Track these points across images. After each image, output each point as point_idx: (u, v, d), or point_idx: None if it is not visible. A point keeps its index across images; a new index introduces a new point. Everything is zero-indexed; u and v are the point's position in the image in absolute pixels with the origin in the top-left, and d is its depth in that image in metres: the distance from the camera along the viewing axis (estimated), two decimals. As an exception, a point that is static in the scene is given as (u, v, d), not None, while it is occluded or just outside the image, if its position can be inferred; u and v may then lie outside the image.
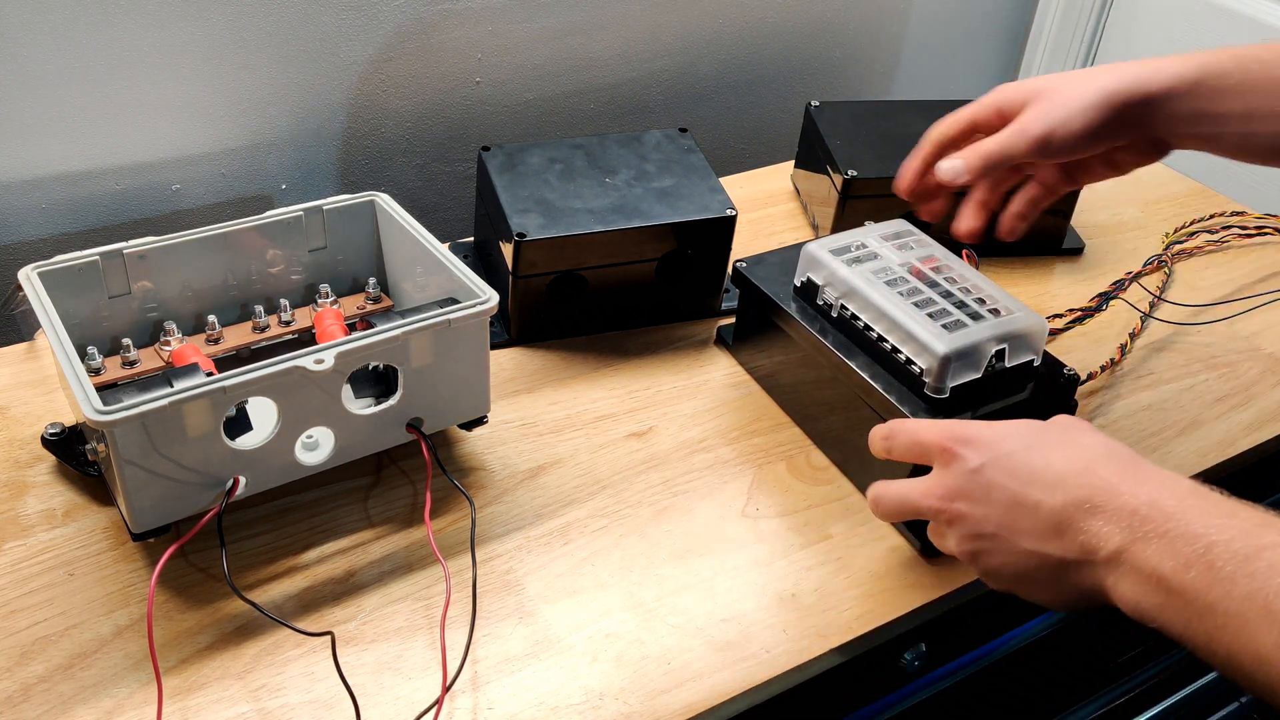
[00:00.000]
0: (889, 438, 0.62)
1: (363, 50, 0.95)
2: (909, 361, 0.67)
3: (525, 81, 1.05)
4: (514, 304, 0.81)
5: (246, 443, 0.61)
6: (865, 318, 0.70)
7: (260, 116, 0.94)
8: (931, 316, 0.67)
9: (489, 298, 0.65)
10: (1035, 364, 0.69)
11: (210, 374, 0.60)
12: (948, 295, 0.69)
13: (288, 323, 0.74)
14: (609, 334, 0.84)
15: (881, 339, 0.68)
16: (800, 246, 0.74)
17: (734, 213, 0.81)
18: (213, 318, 0.73)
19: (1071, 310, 0.87)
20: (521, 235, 0.77)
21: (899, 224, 0.75)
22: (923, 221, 0.77)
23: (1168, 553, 0.49)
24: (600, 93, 1.10)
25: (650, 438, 0.75)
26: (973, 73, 1.39)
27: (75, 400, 0.58)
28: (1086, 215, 1.00)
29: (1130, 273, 0.92)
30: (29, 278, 0.65)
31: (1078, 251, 0.96)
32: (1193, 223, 0.99)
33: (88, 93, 0.85)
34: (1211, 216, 1.00)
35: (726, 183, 0.97)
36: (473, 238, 0.91)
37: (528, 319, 0.82)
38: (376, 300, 0.77)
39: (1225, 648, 0.47)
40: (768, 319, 0.76)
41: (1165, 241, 0.97)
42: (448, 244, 0.87)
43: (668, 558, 0.66)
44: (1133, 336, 0.86)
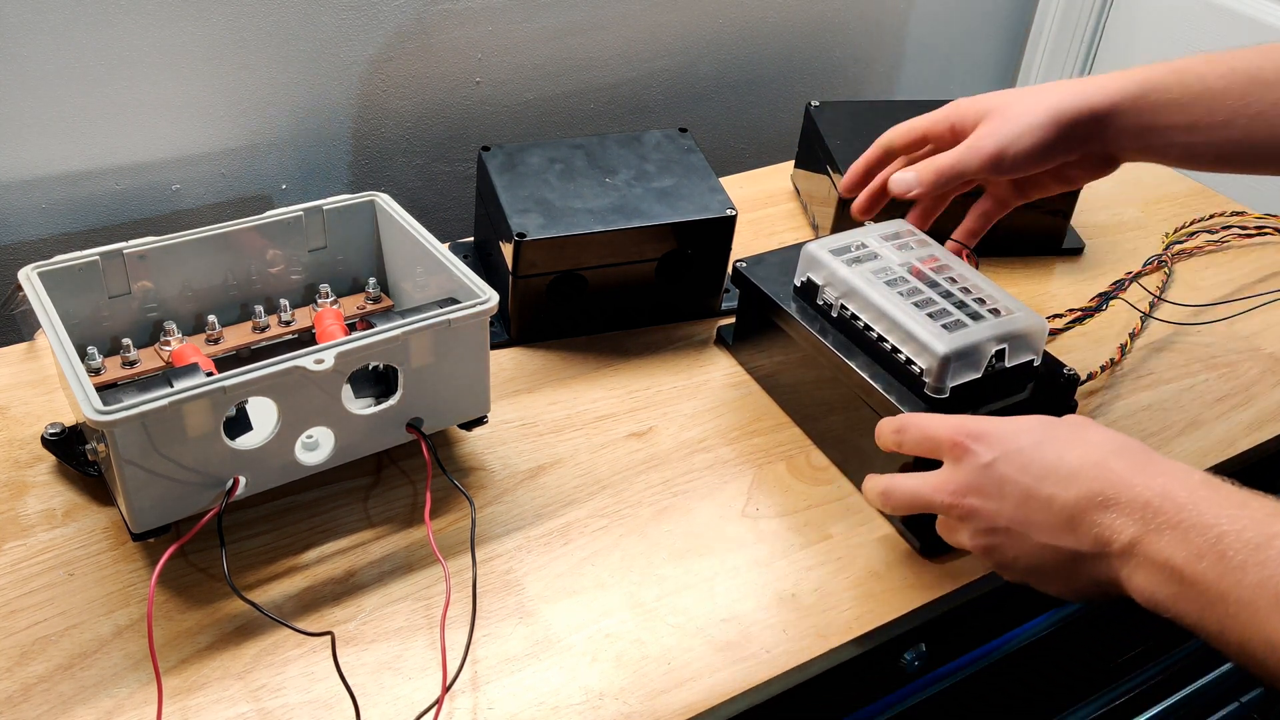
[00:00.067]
0: (900, 431, 0.63)
1: (363, 50, 0.95)
2: (909, 361, 0.67)
3: (525, 81, 1.05)
4: (514, 304, 0.81)
5: (246, 443, 0.61)
6: (865, 318, 0.70)
7: (260, 116, 0.94)
8: (931, 316, 0.67)
9: (489, 298, 0.65)
10: (1035, 364, 0.69)
11: (210, 374, 0.60)
12: (948, 295, 0.69)
13: (288, 323, 0.74)
14: (609, 334, 0.84)
15: (881, 339, 0.68)
16: (800, 246, 0.74)
17: (734, 213, 0.81)
18: (213, 318, 0.73)
19: (1071, 310, 0.87)
20: (521, 235, 0.77)
21: (899, 224, 0.75)
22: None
23: (1180, 543, 0.49)
24: (600, 93, 1.10)
25: (650, 438, 0.75)
26: (973, 73, 1.39)
27: (75, 400, 0.58)
28: (1086, 215, 1.00)
29: (1130, 273, 0.92)
30: (29, 278, 0.65)
31: (1078, 251, 0.96)
32: (1193, 223, 0.99)
33: (88, 93, 0.85)
34: (1211, 216, 1.00)
35: (726, 183, 0.97)
36: (473, 238, 0.91)
37: (528, 319, 0.82)
38: (376, 300, 0.77)
39: (1237, 636, 0.47)
40: (768, 319, 0.76)
41: (1165, 241, 0.97)
42: (448, 244, 0.87)
43: (668, 558, 0.66)
44: (1133, 336, 0.86)
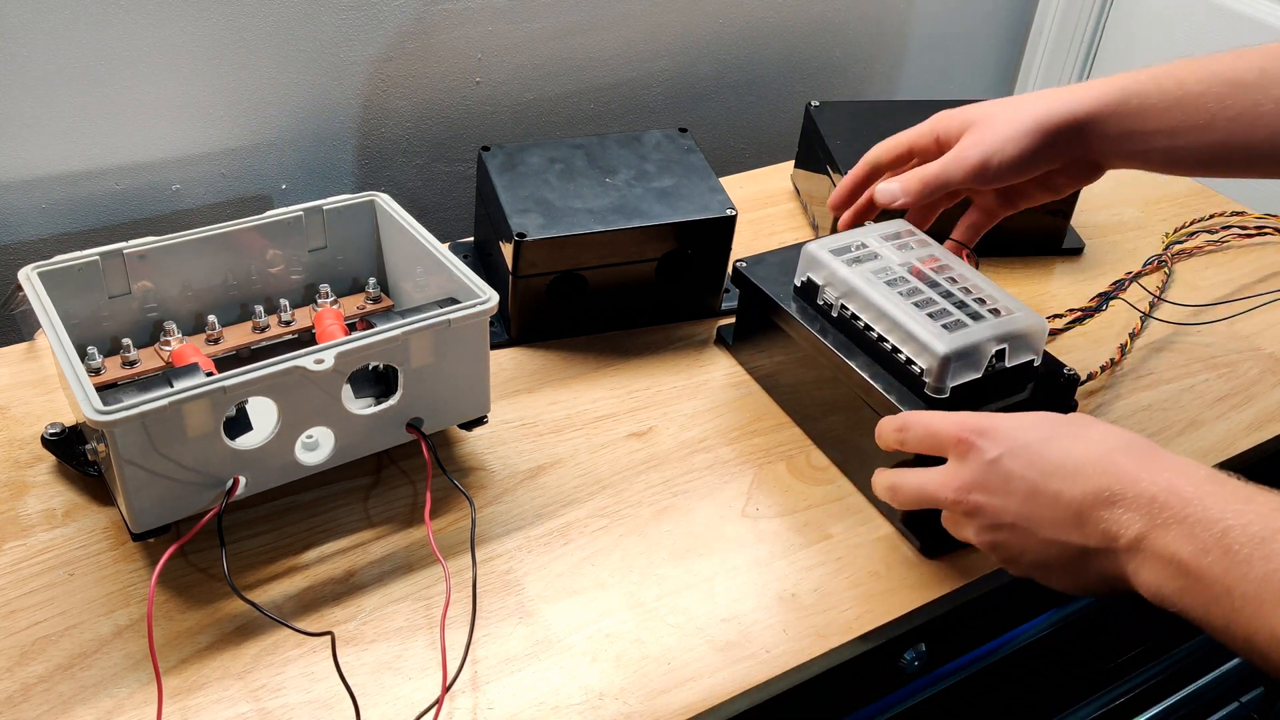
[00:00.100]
0: (903, 429, 0.63)
1: (363, 50, 0.95)
2: (909, 361, 0.67)
3: (525, 81, 1.05)
4: (514, 304, 0.81)
5: (246, 443, 0.61)
6: (865, 318, 0.70)
7: (260, 116, 0.94)
8: (932, 316, 0.67)
9: (489, 298, 0.65)
10: (1035, 364, 0.69)
11: (210, 374, 0.60)
12: (948, 295, 0.69)
13: (288, 323, 0.74)
14: (609, 334, 0.84)
15: (882, 339, 0.68)
16: (800, 246, 0.74)
17: (734, 213, 0.81)
18: (213, 318, 0.73)
19: (1071, 310, 0.87)
20: (521, 235, 0.77)
21: (899, 224, 0.75)
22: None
23: (1186, 538, 0.50)
24: (600, 93, 1.10)
25: (650, 438, 0.75)
26: (973, 73, 1.39)
27: (75, 400, 0.58)
28: (1086, 215, 1.00)
29: (1130, 273, 0.92)
30: (29, 278, 0.65)
31: (1078, 251, 0.96)
32: (1193, 222, 0.99)
33: (88, 93, 0.85)
34: (1211, 216, 1.00)
35: (726, 183, 0.97)
36: (473, 238, 0.91)
37: (528, 319, 0.82)
38: (376, 300, 0.77)
39: (1243, 630, 0.47)
40: (768, 319, 0.76)
41: (1165, 241, 0.97)
42: (448, 244, 0.87)
43: (668, 558, 0.66)
44: (1133, 336, 0.86)
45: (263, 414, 0.63)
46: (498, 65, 1.02)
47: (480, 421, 0.71)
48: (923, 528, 0.67)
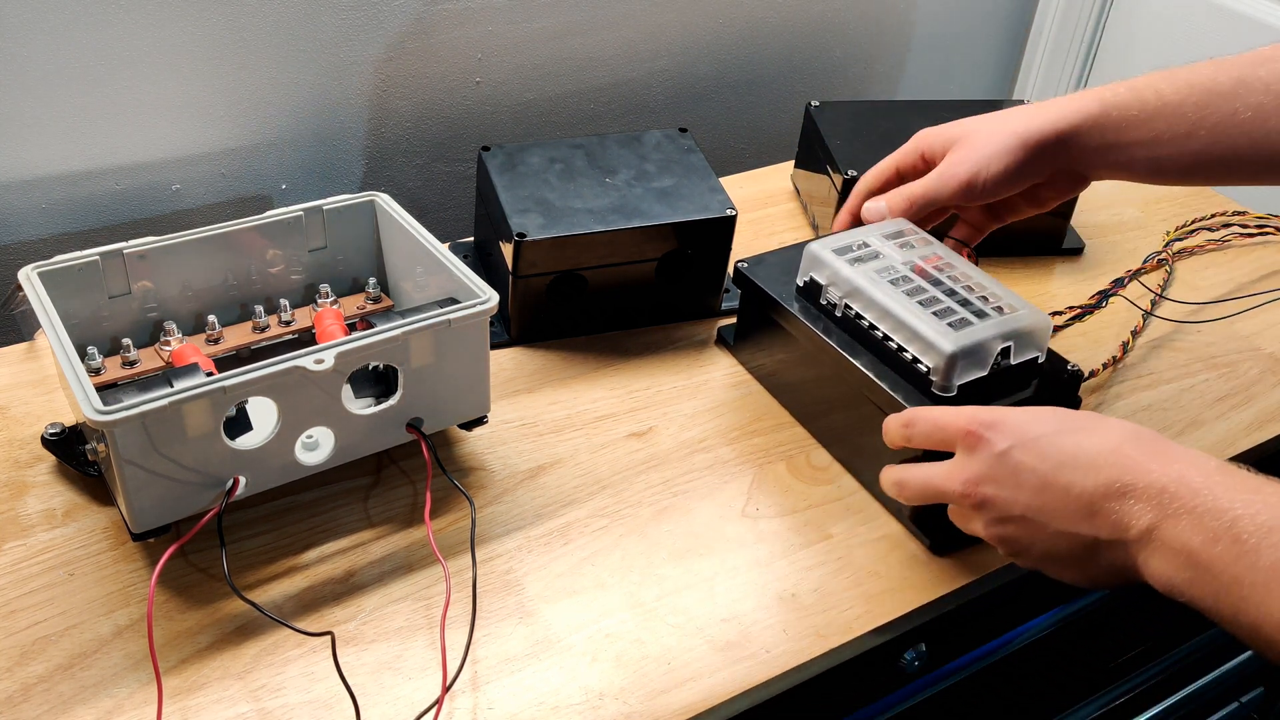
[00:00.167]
0: (909, 425, 0.63)
1: (363, 50, 0.95)
2: (915, 360, 0.67)
3: (525, 81, 1.05)
4: (514, 304, 0.81)
5: (246, 443, 0.61)
6: (870, 317, 0.70)
7: (260, 116, 0.94)
8: (937, 315, 0.67)
9: (489, 298, 0.65)
10: (1040, 361, 0.69)
11: (210, 374, 0.60)
12: (951, 293, 0.69)
13: (288, 323, 0.74)
14: (609, 334, 0.84)
15: (887, 338, 0.68)
16: (801, 246, 0.74)
17: (734, 213, 0.81)
18: (213, 318, 0.73)
19: (1071, 308, 0.87)
20: (521, 235, 0.77)
21: (900, 222, 0.75)
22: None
23: (1195, 528, 0.50)
24: (600, 93, 1.10)
25: (650, 438, 0.75)
26: (973, 73, 1.39)
27: (75, 400, 0.58)
28: (1086, 215, 1.00)
29: (1130, 270, 0.92)
30: (29, 278, 0.65)
31: (1078, 251, 0.96)
32: (1194, 221, 0.99)
33: (88, 93, 0.85)
34: (1213, 216, 1.00)
35: (726, 183, 0.97)
36: (473, 238, 0.91)
37: (528, 319, 0.82)
38: (376, 300, 0.77)
39: (1250, 618, 0.48)
40: (770, 319, 0.76)
41: (1166, 239, 0.97)
42: (448, 244, 0.87)
43: (668, 558, 0.66)
44: (1134, 334, 0.86)
45: (263, 414, 0.63)
46: (498, 65, 1.02)
47: (480, 421, 0.71)
48: (931, 525, 0.67)
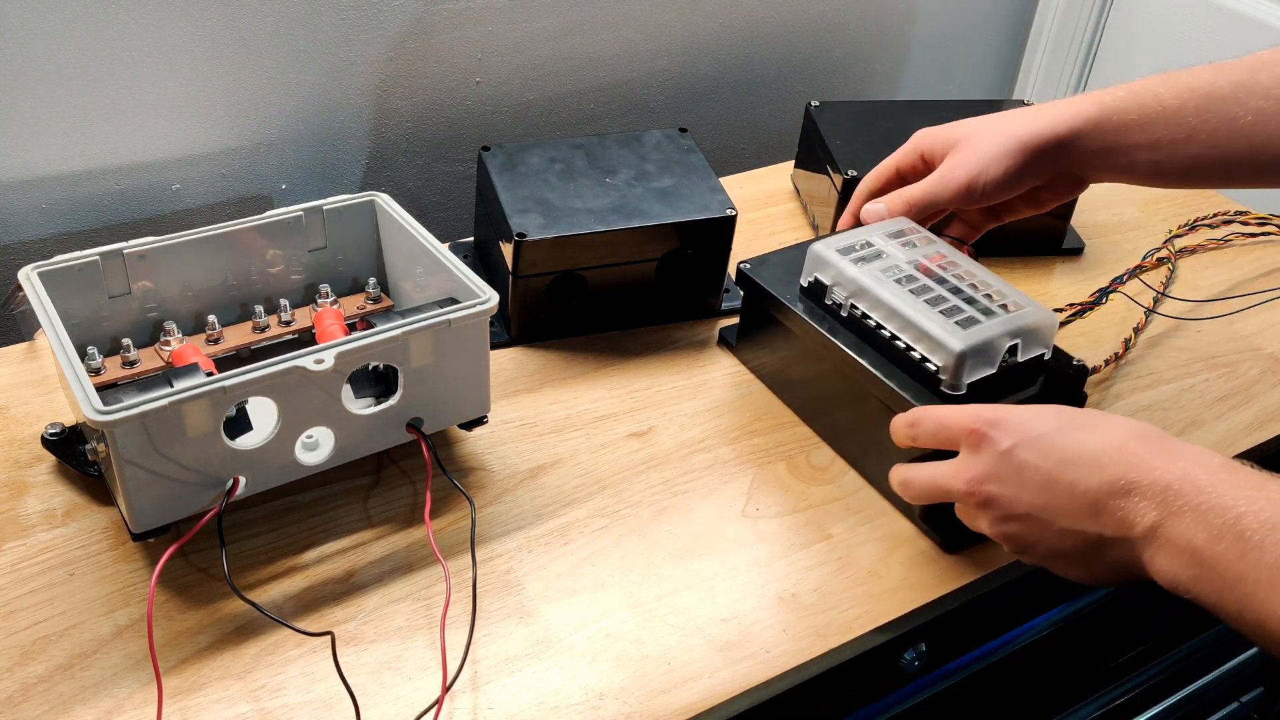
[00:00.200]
0: (914, 424, 0.63)
1: (363, 50, 0.95)
2: (924, 359, 0.67)
3: (525, 81, 1.05)
4: (514, 304, 0.81)
5: (246, 443, 0.61)
6: (876, 316, 0.70)
7: (260, 116, 0.94)
8: (944, 314, 0.67)
9: (489, 298, 0.65)
10: (1046, 358, 0.69)
11: (210, 374, 0.60)
12: (957, 291, 0.69)
13: (288, 323, 0.74)
14: (609, 334, 0.84)
15: (895, 338, 0.68)
16: (802, 247, 0.74)
17: (734, 213, 0.81)
18: (213, 318, 0.73)
19: (1071, 305, 0.87)
20: (521, 235, 0.77)
21: (901, 221, 0.75)
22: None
23: (1200, 525, 0.50)
24: (600, 93, 1.10)
25: (650, 438, 0.75)
26: (973, 73, 1.39)
27: (75, 400, 0.58)
28: (1086, 215, 1.00)
29: (1130, 268, 0.92)
30: (29, 278, 0.65)
31: (1078, 251, 0.96)
32: (1196, 219, 0.99)
33: (88, 93, 0.85)
34: (1214, 215, 1.00)
35: (726, 183, 0.97)
36: (473, 238, 0.91)
37: (528, 319, 0.82)
38: (376, 300, 0.77)
39: (1255, 614, 0.48)
40: (774, 320, 0.76)
41: (1168, 236, 0.97)
42: (448, 244, 0.87)
43: (668, 558, 0.66)
44: (1137, 331, 0.86)
45: (263, 414, 0.63)
46: (498, 65, 1.02)
47: (480, 421, 0.71)
48: (942, 523, 0.67)
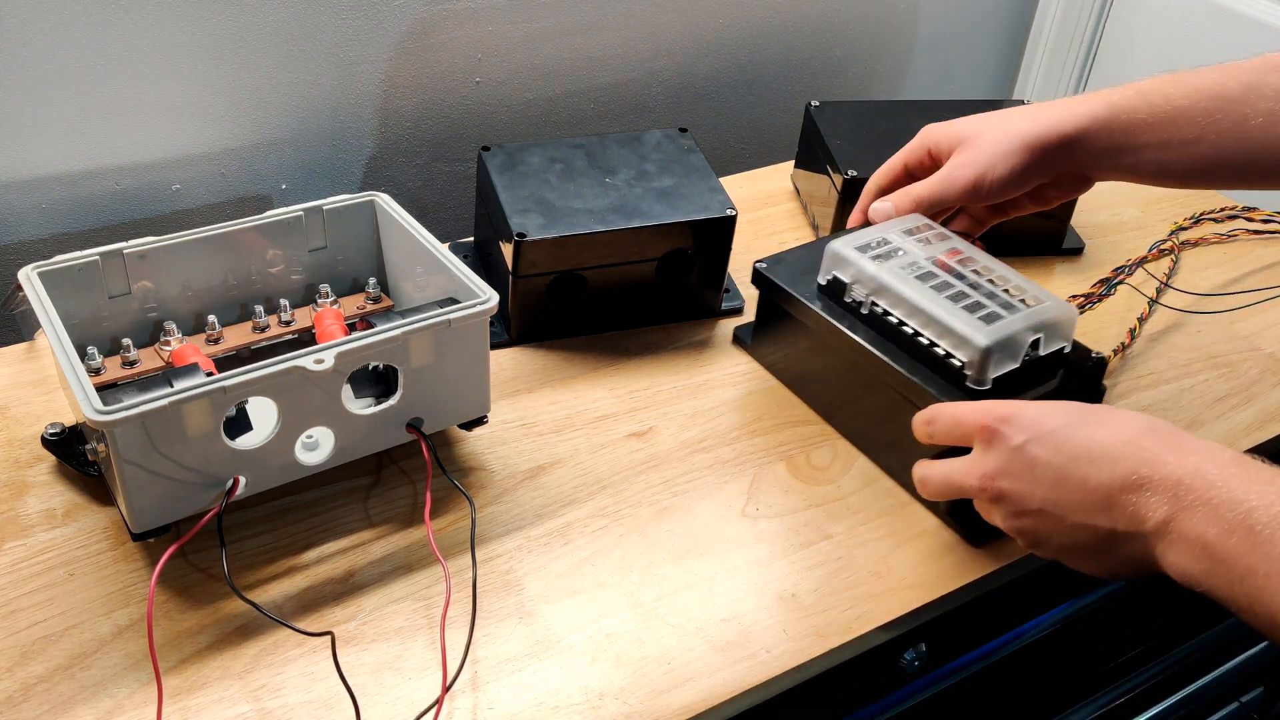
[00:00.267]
0: (930, 422, 0.64)
1: (363, 50, 0.95)
2: (948, 355, 0.67)
3: (525, 81, 1.05)
4: (514, 304, 0.81)
5: (246, 443, 0.61)
6: (898, 313, 0.70)
7: (260, 116, 0.94)
8: (967, 309, 0.67)
9: (489, 298, 0.65)
10: (1066, 351, 0.70)
11: (210, 374, 0.60)
12: (976, 287, 0.69)
13: (288, 323, 0.74)
14: (609, 334, 0.84)
15: (917, 334, 0.68)
16: (816, 245, 0.75)
17: (734, 213, 0.81)
18: (213, 318, 0.73)
19: (1074, 296, 0.87)
20: (521, 235, 0.77)
21: (915, 218, 0.75)
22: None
23: (1211, 520, 0.50)
24: (600, 93, 1.10)
25: (650, 438, 0.75)
26: (973, 73, 1.39)
27: (75, 400, 0.58)
28: (1086, 215, 0.99)
29: (1132, 259, 0.92)
30: (29, 278, 0.65)
31: (1078, 251, 0.96)
32: (1201, 213, 0.99)
33: (88, 93, 0.85)
34: (1220, 210, 1.00)
35: (726, 183, 0.97)
36: (473, 238, 0.91)
37: (528, 319, 0.82)
38: (376, 300, 0.77)
39: (1266, 608, 0.48)
40: (792, 318, 0.76)
41: (1172, 228, 0.97)
42: (448, 244, 0.87)
43: (668, 558, 0.66)
44: (1141, 320, 0.86)
45: (263, 414, 0.63)
46: (498, 65, 1.02)
47: (480, 421, 0.71)
48: (966, 517, 0.67)
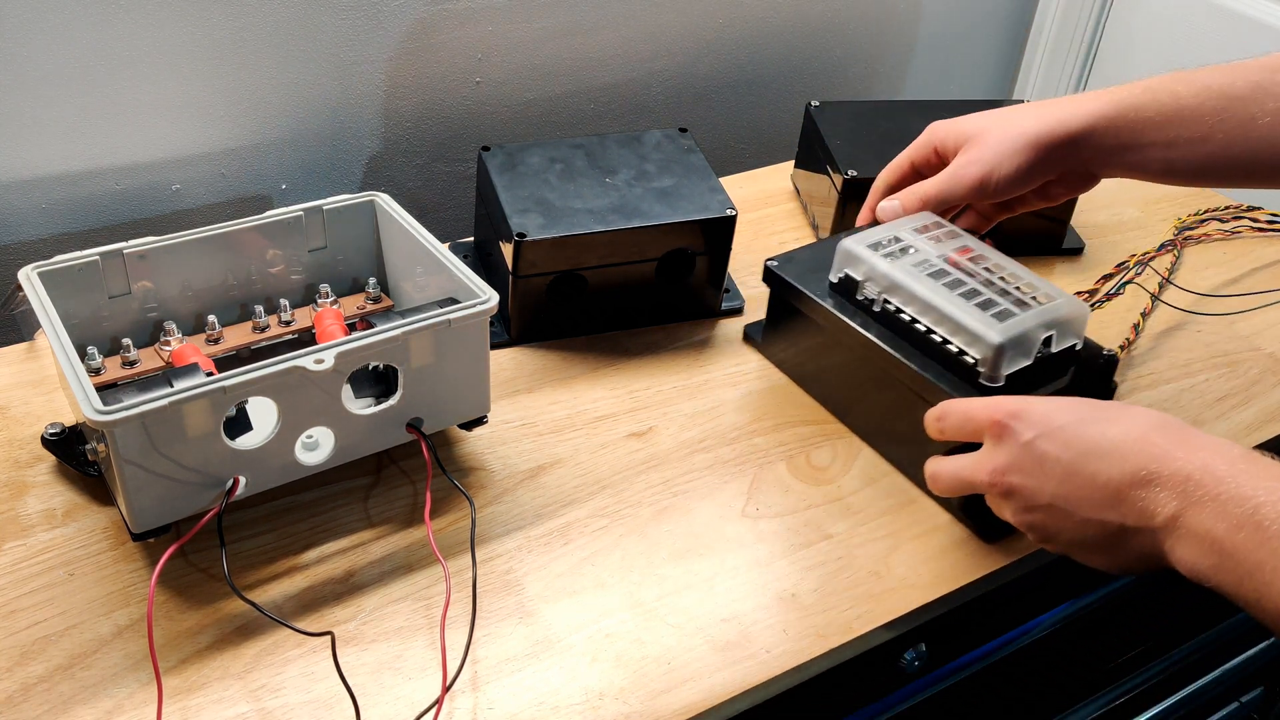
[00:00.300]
0: (941, 418, 0.64)
1: (363, 50, 0.95)
2: (961, 352, 0.67)
3: (525, 81, 1.05)
4: (514, 304, 0.81)
5: (246, 443, 0.61)
6: (911, 311, 0.70)
7: (260, 116, 0.94)
8: (980, 307, 0.67)
9: (489, 298, 0.65)
10: (1077, 348, 0.70)
11: (210, 374, 0.60)
12: (989, 284, 0.70)
13: (288, 323, 0.74)
14: (609, 334, 0.84)
15: (931, 331, 0.69)
16: (826, 244, 0.75)
17: (734, 213, 0.81)
18: (213, 318, 0.73)
19: (1080, 293, 0.87)
20: (521, 235, 0.77)
21: (926, 215, 0.75)
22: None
23: (1219, 515, 0.50)
24: (600, 93, 1.10)
25: (650, 438, 0.75)
26: (973, 73, 1.39)
27: (75, 400, 0.58)
28: (1086, 215, 0.99)
29: (1136, 256, 0.92)
30: (29, 278, 0.65)
31: (1078, 251, 0.96)
32: (1206, 211, 0.99)
33: (88, 93, 0.85)
34: (1225, 208, 1.00)
35: (726, 183, 0.97)
36: (473, 238, 0.91)
37: (528, 319, 0.82)
38: (376, 300, 0.77)
39: (1274, 603, 0.48)
40: (804, 316, 0.76)
41: (1176, 226, 0.97)
42: (448, 244, 0.87)
43: (668, 558, 0.66)
44: (1145, 316, 0.87)
45: (263, 414, 0.63)
46: (498, 65, 1.02)
47: (480, 421, 0.71)
48: (979, 513, 0.67)
